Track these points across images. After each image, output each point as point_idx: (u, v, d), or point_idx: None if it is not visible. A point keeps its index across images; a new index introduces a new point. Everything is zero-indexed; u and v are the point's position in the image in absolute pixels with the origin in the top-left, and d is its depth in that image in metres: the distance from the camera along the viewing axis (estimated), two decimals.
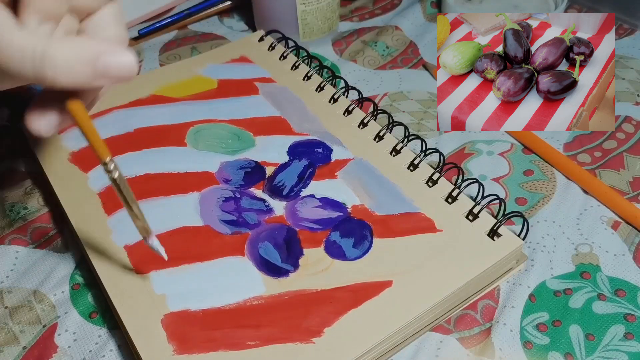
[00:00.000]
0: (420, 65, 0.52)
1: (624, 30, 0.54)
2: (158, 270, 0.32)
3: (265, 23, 0.53)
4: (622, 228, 0.37)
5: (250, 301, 0.31)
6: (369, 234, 0.34)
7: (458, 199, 0.35)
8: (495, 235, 0.33)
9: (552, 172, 0.41)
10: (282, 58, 0.48)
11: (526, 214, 0.38)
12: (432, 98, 0.48)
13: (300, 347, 0.28)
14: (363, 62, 0.52)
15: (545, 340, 0.31)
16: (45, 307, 0.34)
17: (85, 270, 0.36)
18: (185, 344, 0.29)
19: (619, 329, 0.32)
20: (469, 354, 0.31)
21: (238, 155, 0.40)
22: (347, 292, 0.31)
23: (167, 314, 0.30)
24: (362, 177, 0.37)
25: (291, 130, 0.41)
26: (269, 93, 0.45)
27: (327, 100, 0.43)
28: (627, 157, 0.41)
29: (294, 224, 0.35)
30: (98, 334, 0.33)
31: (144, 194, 0.37)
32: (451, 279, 0.31)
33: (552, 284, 0.34)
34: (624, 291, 0.33)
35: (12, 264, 0.36)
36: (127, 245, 0.34)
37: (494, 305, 0.33)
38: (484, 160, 0.42)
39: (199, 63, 0.48)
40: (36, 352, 0.32)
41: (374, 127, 0.40)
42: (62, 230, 0.38)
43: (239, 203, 0.36)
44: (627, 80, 0.48)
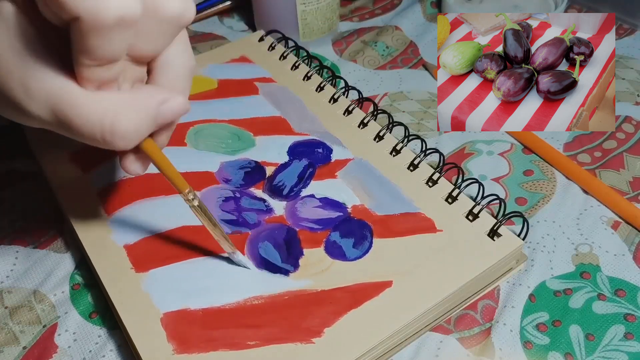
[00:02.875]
0: (420, 65, 0.52)
1: (624, 30, 0.54)
2: (158, 270, 0.32)
3: (265, 23, 0.53)
4: (622, 228, 0.37)
5: (250, 301, 0.31)
6: (369, 234, 0.34)
7: (458, 199, 0.35)
8: (495, 235, 0.33)
9: (552, 172, 0.41)
10: (282, 58, 0.48)
11: (526, 214, 0.38)
12: (432, 98, 0.48)
13: (300, 347, 0.28)
14: (363, 62, 0.52)
15: (545, 340, 0.31)
16: (45, 307, 0.34)
17: (85, 270, 0.36)
18: (184, 343, 0.29)
19: (619, 329, 0.32)
20: (469, 354, 0.31)
21: (238, 155, 0.40)
22: (347, 292, 0.31)
23: (166, 313, 0.30)
24: (362, 177, 0.37)
25: (291, 130, 0.41)
26: (269, 93, 0.45)
27: (327, 100, 0.43)
28: (627, 157, 0.41)
29: (294, 224, 0.35)
30: (98, 334, 0.33)
31: (144, 193, 0.37)
32: (451, 279, 0.31)
33: (552, 284, 0.34)
34: (624, 291, 0.33)
35: (12, 264, 0.36)
36: (127, 244, 0.34)
37: (494, 305, 0.33)
38: (484, 160, 0.42)
39: (199, 63, 0.48)
40: (36, 352, 0.32)
41: (374, 127, 0.40)
42: (62, 230, 0.38)
43: (239, 203, 0.36)
44: (627, 80, 0.48)
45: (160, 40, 0.24)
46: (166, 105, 0.24)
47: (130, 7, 0.20)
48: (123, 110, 0.23)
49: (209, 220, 0.29)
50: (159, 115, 0.24)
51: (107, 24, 0.20)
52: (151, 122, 0.23)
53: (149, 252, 0.33)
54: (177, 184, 0.28)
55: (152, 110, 0.23)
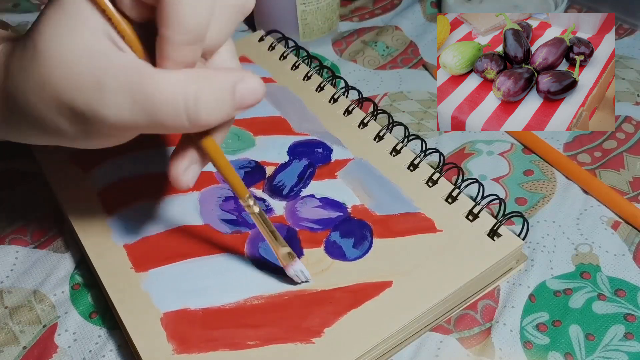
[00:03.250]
0: (420, 65, 0.52)
1: (624, 30, 0.54)
2: (158, 269, 0.32)
3: (265, 23, 0.53)
4: (622, 228, 0.37)
5: (250, 301, 0.31)
6: (369, 234, 0.34)
7: (458, 199, 0.35)
8: (495, 235, 0.33)
9: (552, 172, 0.41)
10: (282, 58, 0.48)
11: (526, 214, 0.38)
12: (432, 98, 0.48)
13: (300, 347, 0.28)
14: (363, 62, 0.52)
15: (545, 340, 0.31)
16: (45, 307, 0.34)
17: (85, 270, 0.36)
18: (184, 343, 0.29)
19: (619, 329, 0.32)
20: (469, 354, 0.31)
21: (238, 154, 0.40)
22: (347, 292, 0.31)
23: (166, 313, 0.30)
24: (362, 177, 0.37)
25: (291, 130, 0.41)
26: (269, 93, 0.45)
27: (327, 100, 0.43)
28: (627, 157, 0.41)
29: (294, 224, 0.35)
30: (98, 334, 0.33)
31: (144, 193, 0.37)
32: (451, 279, 0.31)
33: (552, 284, 0.34)
34: (624, 291, 0.33)
35: (12, 264, 0.36)
36: (126, 244, 0.34)
37: (494, 305, 0.33)
38: (484, 160, 0.42)
39: None
40: (36, 352, 0.32)
41: (374, 127, 0.40)
42: (62, 230, 0.38)
43: (239, 202, 0.36)
44: (627, 80, 0.48)
45: (228, 27, 0.24)
46: (244, 83, 0.23)
47: None
48: (205, 82, 0.22)
49: (267, 228, 0.28)
50: (237, 92, 0.23)
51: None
52: (231, 99, 0.23)
53: (149, 252, 0.33)
54: (237, 189, 0.26)
55: (231, 85, 0.22)
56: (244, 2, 0.24)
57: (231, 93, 0.23)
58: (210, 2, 0.22)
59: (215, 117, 0.22)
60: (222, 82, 0.22)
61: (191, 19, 0.21)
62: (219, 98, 0.22)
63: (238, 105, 0.23)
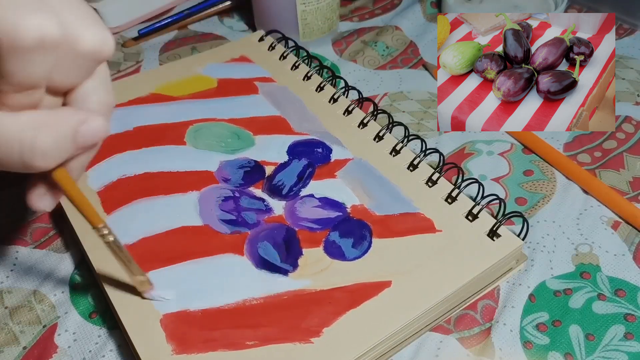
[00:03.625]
0: (420, 65, 0.52)
1: (624, 30, 0.54)
2: (157, 270, 0.32)
3: (265, 23, 0.53)
4: (622, 228, 0.37)
5: (250, 301, 0.31)
6: (368, 234, 0.34)
7: (458, 199, 0.35)
8: (495, 235, 0.33)
9: (552, 172, 0.41)
10: (282, 58, 0.48)
11: (526, 214, 0.38)
12: (432, 98, 0.48)
13: (299, 347, 0.28)
14: (363, 62, 0.52)
15: (545, 340, 0.31)
16: (45, 307, 0.34)
17: (85, 270, 0.36)
18: (184, 343, 0.29)
19: (619, 329, 0.31)
20: (469, 354, 0.31)
21: (237, 154, 0.40)
22: (346, 292, 0.31)
23: (166, 313, 0.30)
24: (362, 177, 0.37)
25: (291, 130, 0.41)
26: (268, 92, 0.45)
27: (327, 100, 0.43)
28: (627, 157, 0.41)
29: (293, 223, 0.35)
30: (98, 334, 0.33)
31: (143, 192, 0.37)
32: (451, 279, 0.31)
33: (552, 284, 0.34)
34: (624, 291, 0.33)
35: (12, 264, 0.36)
36: (126, 244, 0.34)
37: (494, 305, 0.33)
38: (483, 160, 0.42)
39: (199, 62, 0.48)
40: (36, 352, 0.32)
41: (373, 127, 0.40)
42: (62, 230, 0.38)
43: (238, 202, 0.36)
44: (627, 80, 0.48)
45: (76, 74, 0.23)
46: (86, 125, 0.23)
47: (49, 29, 0.20)
48: (43, 127, 0.21)
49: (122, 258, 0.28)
50: (79, 135, 0.22)
51: (26, 45, 0.19)
52: (71, 141, 0.22)
53: (148, 253, 0.33)
54: (90, 217, 0.26)
55: (72, 129, 0.22)
56: (97, 50, 0.22)
57: (71, 137, 0.22)
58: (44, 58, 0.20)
59: (53, 161, 0.22)
60: (62, 126, 0.22)
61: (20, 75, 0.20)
62: (58, 142, 0.22)
63: (79, 147, 0.23)
